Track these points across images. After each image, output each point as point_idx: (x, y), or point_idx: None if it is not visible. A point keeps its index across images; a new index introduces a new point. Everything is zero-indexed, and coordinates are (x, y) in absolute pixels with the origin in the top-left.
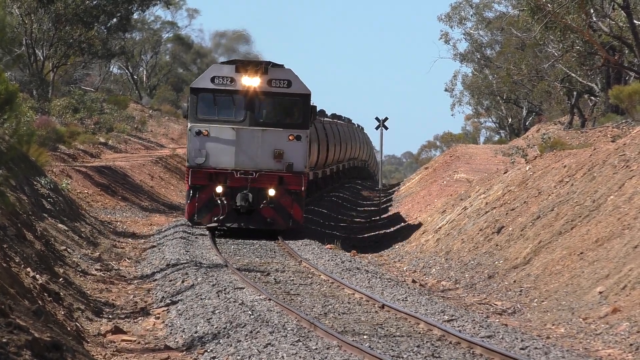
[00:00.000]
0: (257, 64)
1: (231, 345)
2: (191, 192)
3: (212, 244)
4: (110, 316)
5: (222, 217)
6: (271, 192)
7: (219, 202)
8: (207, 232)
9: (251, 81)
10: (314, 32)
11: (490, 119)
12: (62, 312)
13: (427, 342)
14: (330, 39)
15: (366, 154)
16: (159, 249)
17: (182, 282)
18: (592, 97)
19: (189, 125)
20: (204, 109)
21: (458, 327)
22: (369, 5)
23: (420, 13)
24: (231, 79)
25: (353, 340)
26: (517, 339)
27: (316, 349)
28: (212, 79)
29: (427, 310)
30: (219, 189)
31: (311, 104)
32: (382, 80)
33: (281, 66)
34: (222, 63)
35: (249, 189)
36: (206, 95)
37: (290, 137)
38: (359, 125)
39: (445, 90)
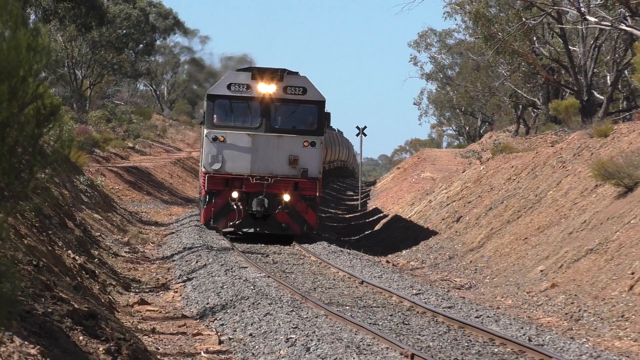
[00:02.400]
0: (273, 71)
1: (236, 314)
2: (207, 197)
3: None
4: (137, 290)
5: (238, 222)
6: (286, 197)
7: (234, 207)
8: None
9: (267, 88)
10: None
11: (451, 128)
12: (97, 287)
13: (398, 311)
14: (318, 59)
15: (345, 155)
16: (177, 235)
17: (196, 262)
18: (535, 110)
19: (206, 131)
20: (221, 115)
21: (424, 299)
22: (352, 34)
23: (393, 40)
24: (247, 86)
25: (337, 310)
26: (472, 309)
27: (307, 317)
28: (229, 86)
29: (398, 285)
30: (235, 194)
31: (325, 111)
32: (362, 95)
33: (296, 73)
34: (239, 70)
35: (265, 194)
36: (222, 101)
37: (305, 144)
38: (338, 130)
39: (414, 104)
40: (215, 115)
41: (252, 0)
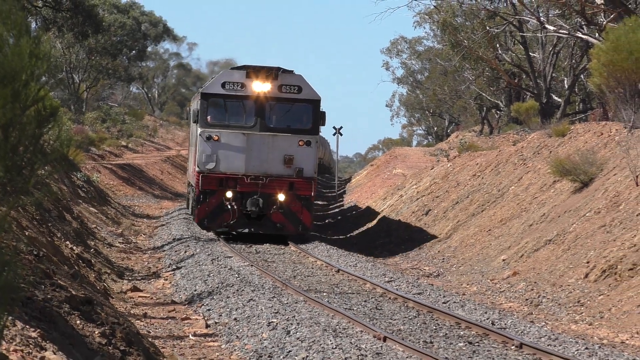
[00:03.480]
0: (267, 70)
1: (222, 300)
2: (201, 196)
3: None
4: (130, 278)
5: (232, 222)
6: (281, 197)
7: (229, 207)
8: None
9: (262, 87)
10: (285, 55)
11: (420, 128)
12: (93, 275)
13: (372, 297)
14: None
15: (322, 153)
16: (167, 227)
17: (185, 252)
18: (498, 111)
19: (199, 130)
20: (215, 114)
21: (396, 286)
22: (329, 41)
23: (367, 47)
24: (242, 85)
25: (315, 296)
26: (440, 295)
27: (287, 303)
28: (223, 85)
29: (372, 273)
30: (229, 194)
31: (321, 110)
32: (338, 97)
33: (291, 72)
34: (233, 69)
35: (259, 194)
36: (217, 100)
37: (300, 143)
38: None
39: (386, 105)
40: (209, 114)
41: (236, 9)
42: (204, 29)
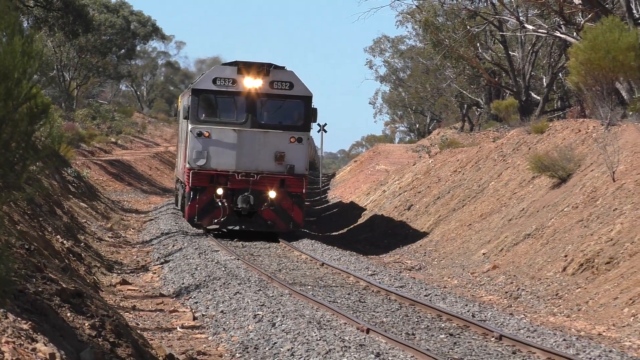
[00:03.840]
0: (259, 66)
1: (209, 293)
2: (192, 193)
3: None
4: (119, 271)
5: (222, 219)
6: (272, 194)
7: (219, 204)
8: None
9: (253, 83)
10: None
11: (403, 125)
12: (83, 269)
13: (355, 290)
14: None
15: None
16: (156, 221)
17: (173, 246)
18: (478, 109)
19: (190, 126)
20: (206, 110)
21: (378, 279)
22: (314, 40)
23: (351, 45)
24: (233, 81)
25: (300, 290)
26: (422, 288)
27: (273, 296)
28: (214, 80)
29: (355, 267)
30: (220, 191)
31: (312, 106)
32: (322, 95)
33: (283, 68)
34: (224, 64)
35: (250, 191)
36: (208, 96)
37: (292, 140)
38: None
39: (370, 103)
40: (200, 110)
41: (224, 9)
42: (191, 28)
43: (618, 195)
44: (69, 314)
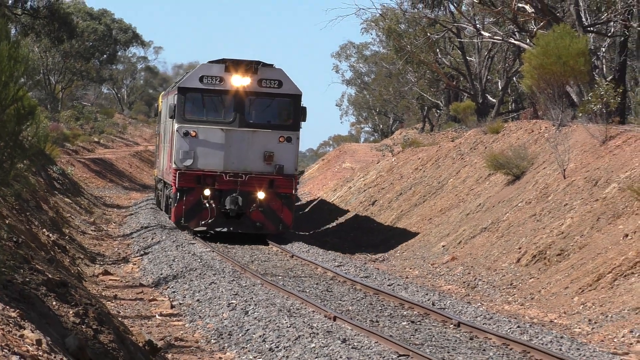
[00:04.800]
0: (247, 64)
1: (186, 283)
2: (178, 194)
3: None
4: (101, 263)
5: (210, 221)
6: (261, 195)
7: (207, 205)
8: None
9: (241, 81)
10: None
11: (367, 125)
12: (68, 260)
13: (323, 280)
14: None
15: None
16: (136, 216)
17: (152, 239)
18: (438, 110)
19: (176, 125)
20: (192, 109)
21: (345, 270)
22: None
23: (318, 51)
24: (220, 79)
25: (271, 280)
26: (385, 278)
27: (245, 285)
28: (201, 79)
29: (323, 258)
30: (207, 192)
31: (302, 105)
32: None
33: (271, 66)
34: (211, 62)
35: (239, 192)
36: (194, 95)
37: (281, 139)
38: None
39: (336, 105)
40: (186, 109)
41: (199, 16)
42: (169, 34)
43: (568, 192)
44: (54, 303)
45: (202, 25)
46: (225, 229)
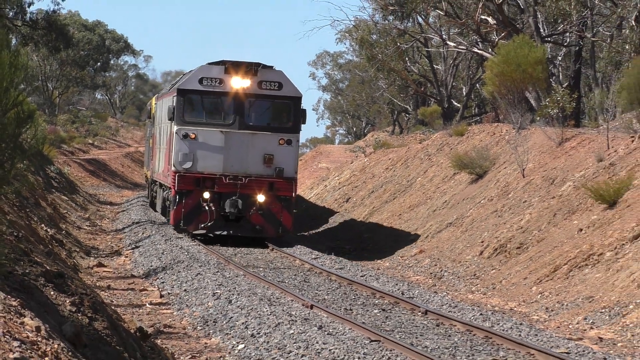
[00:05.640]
0: (247, 65)
1: (174, 275)
2: (177, 197)
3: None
4: (95, 256)
5: (209, 224)
6: (260, 198)
7: (206, 208)
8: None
9: (241, 83)
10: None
11: (342, 128)
12: (64, 253)
13: (301, 272)
14: None
15: None
16: (127, 212)
17: (142, 233)
18: (407, 114)
19: (175, 128)
20: (192, 111)
21: (321, 262)
22: (263, 55)
23: (296, 60)
24: (220, 81)
25: (253, 271)
26: (359, 270)
27: (229, 276)
28: (200, 80)
29: (301, 251)
30: (207, 195)
31: (302, 107)
32: None
33: (271, 67)
34: (211, 64)
35: (238, 195)
36: (194, 97)
37: (281, 142)
38: None
39: (313, 109)
40: (186, 111)
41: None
42: (158, 44)
43: (527, 189)
44: (52, 293)
45: (187, 36)
46: (224, 232)
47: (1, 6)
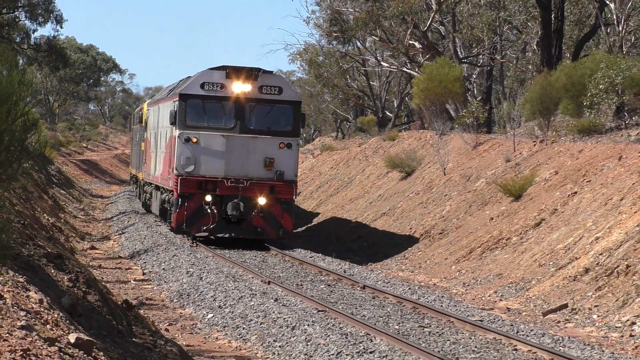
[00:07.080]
0: (248, 70)
1: (154, 256)
2: (179, 200)
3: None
4: (89, 240)
5: (211, 227)
6: (261, 201)
7: (208, 211)
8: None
9: (242, 87)
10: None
11: None
12: (63, 238)
13: (259, 253)
14: None
15: None
16: (115, 204)
17: (128, 222)
18: (348, 122)
19: (177, 132)
20: (193, 115)
21: (276, 246)
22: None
23: None
24: (221, 85)
25: (220, 253)
26: (308, 252)
27: (200, 257)
28: (202, 85)
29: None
30: (209, 198)
31: (301, 112)
32: None
33: (271, 72)
34: (212, 69)
35: (240, 198)
36: (195, 101)
37: (281, 145)
38: None
39: None
40: (187, 116)
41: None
42: (140, 62)
43: (447, 185)
44: (52, 271)
45: (165, 56)
46: (226, 235)
47: (10, 33)
